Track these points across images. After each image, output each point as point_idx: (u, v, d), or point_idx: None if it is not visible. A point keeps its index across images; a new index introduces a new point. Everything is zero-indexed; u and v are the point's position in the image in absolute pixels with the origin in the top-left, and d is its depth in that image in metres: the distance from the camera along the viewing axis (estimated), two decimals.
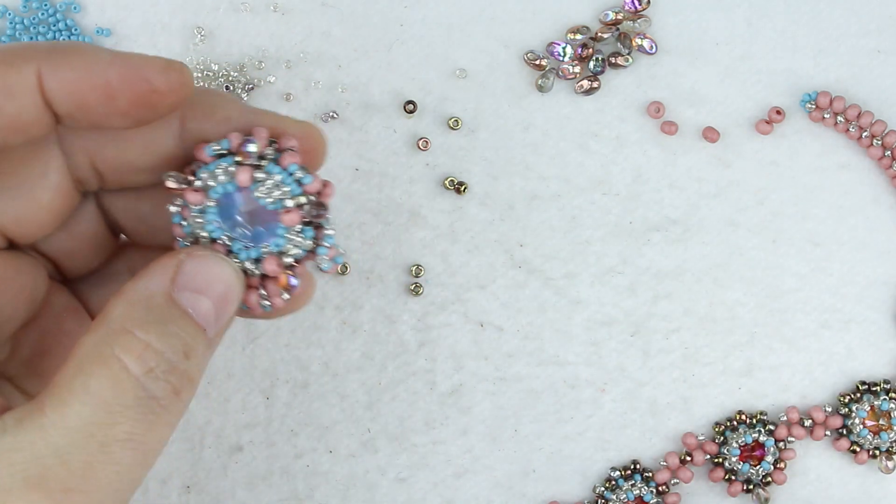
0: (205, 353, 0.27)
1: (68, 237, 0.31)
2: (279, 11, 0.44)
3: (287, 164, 0.29)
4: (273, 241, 0.29)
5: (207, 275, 0.27)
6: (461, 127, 0.43)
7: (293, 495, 0.42)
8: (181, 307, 0.27)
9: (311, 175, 0.29)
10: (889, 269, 0.44)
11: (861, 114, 0.43)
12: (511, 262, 0.43)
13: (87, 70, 0.27)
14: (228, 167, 0.28)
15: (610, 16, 0.44)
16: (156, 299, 0.26)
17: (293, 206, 0.28)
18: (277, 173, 0.28)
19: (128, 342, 0.25)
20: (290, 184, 0.28)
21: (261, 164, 0.28)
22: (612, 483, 0.42)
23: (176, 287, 0.27)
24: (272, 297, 0.29)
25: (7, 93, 0.26)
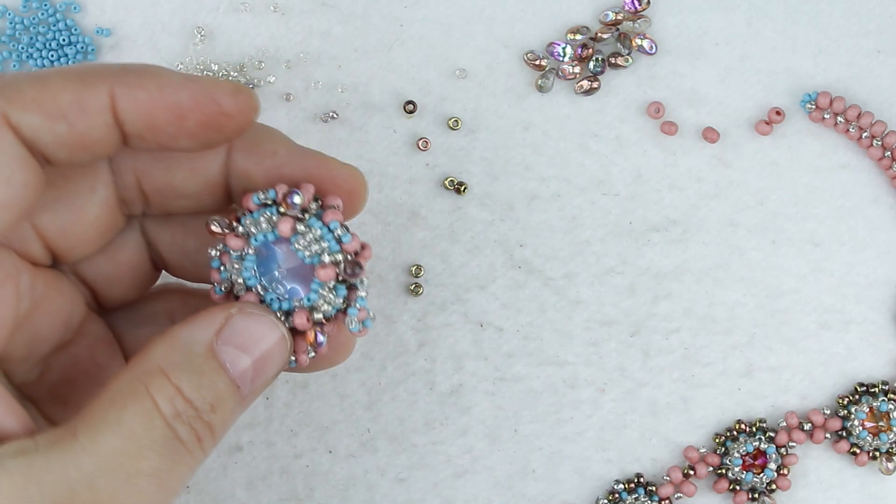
0: (234, 409, 0.27)
1: (110, 263, 0.32)
2: (279, 11, 0.44)
3: (329, 220, 0.29)
4: (306, 296, 0.29)
5: (254, 334, 0.28)
6: (461, 127, 0.43)
7: (293, 495, 0.42)
8: (219, 361, 0.27)
9: (351, 234, 0.29)
10: (889, 270, 0.44)
11: (861, 114, 0.43)
12: (511, 263, 0.43)
13: (159, 91, 0.27)
14: (272, 217, 0.29)
15: (610, 16, 0.44)
16: (196, 348, 0.27)
17: (329, 262, 0.28)
18: (318, 228, 0.29)
19: (161, 384, 0.26)
20: (330, 240, 0.29)
21: (303, 217, 0.29)
22: (615, 496, 0.42)
23: (219, 340, 0.27)
24: (298, 353, 0.29)
25: (80, 110, 0.27)
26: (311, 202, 0.29)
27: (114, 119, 0.27)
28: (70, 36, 0.43)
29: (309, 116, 0.43)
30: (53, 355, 0.31)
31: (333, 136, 0.43)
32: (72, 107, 0.27)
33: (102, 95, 0.27)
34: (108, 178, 0.30)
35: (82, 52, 0.43)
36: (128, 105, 0.27)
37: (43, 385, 0.30)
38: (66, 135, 0.27)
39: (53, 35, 0.43)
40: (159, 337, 0.27)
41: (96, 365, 0.31)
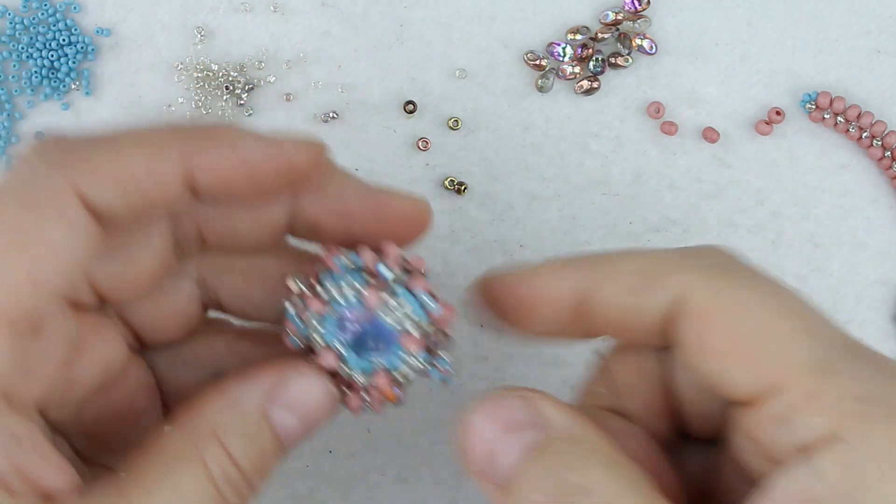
0: (276, 464, 0.28)
1: (157, 307, 0.31)
2: (279, 11, 0.44)
3: (416, 288, 0.28)
4: (388, 359, 0.29)
5: (306, 396, 0.28)
6: (461, 127, 0.43)
7: (293, 495, 0.42)
8: (272, 426, 0.27)
9: (438, 303, 0.29)
10: (889, 270, 0.44)
11: (861, 114, 0.43)
12: (511, 263, 0.43)
13: (233, 154, 0.27)
14: (358, 285, 0.28)
15: (610, 16, 0.44)
16: (249, 410, 0.27)
17: (416, 332, 0.28)
18: (407, 301, 0.28)
19: (214, 449, 0.26)
20: (418, 311, 0.28)
21: (391, 288, 0.28)
22: None
23: (272, 402, 0.27)
24: (374, 405, 0.29)
25: (154, 180, 0.26)
26: (398, 269, 0.29)
27: (185, 180, 0.27)
28: (70, 36, 0.43)
29: (309, 116, 0.43)
30: (91, 397, 0.30)
31: (333, 136, 0.43)
32: (145, 177, 0.26)
33: (175, 162, 0.26)
34: (165, 229, 0.29)
35: (82, 52, 0.43)
36: (202, 169, 0.27)
37: (77, 424, 0.30)
38: (138, 203, 0.26)
39: (53, 35, 0.43)
40: (212, 395, 0.27)
41: (134, 409, 0.31)
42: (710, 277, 0.26)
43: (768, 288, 0.26)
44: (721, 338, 0.26)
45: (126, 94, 0.43)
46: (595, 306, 0.28)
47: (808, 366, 0.25)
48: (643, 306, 0.27)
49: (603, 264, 0.28)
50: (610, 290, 0.27)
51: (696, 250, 0.28)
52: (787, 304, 0.26)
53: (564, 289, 0.28)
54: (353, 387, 0.29)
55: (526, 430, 0.26)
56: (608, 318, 0.28)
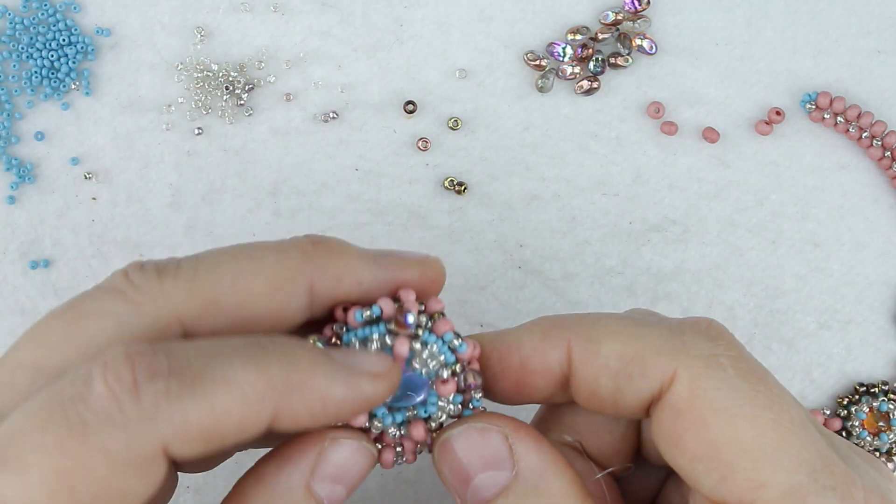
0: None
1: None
2: (279, 11, 0.44)
3: (442, 332, 0.28)
4: (423, 408, 0.28)
5: (348, 464, 0.28)
6: (461, 127, 0.43)
7: None
8: (318, 499, 0.27)
9: (465, 342, 0.28)
10: (889, 270, 0.44)
11: (861, 114, 0.43)
12: (511, 263, 0.43)
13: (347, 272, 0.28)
14: (384, 337, 0.28)
15: (610, 16, 0.44)
16: (295, 493, 0.27)
17: (448, 376, 0.28)
18: (434, 344, 0.28)
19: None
20: (447, 353, 0.28)
21: (417, 334, 0.28)
22: None
23: (315, 477, 0.27)
24: (407, 456, 0.29)
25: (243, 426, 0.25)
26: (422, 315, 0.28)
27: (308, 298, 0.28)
28: (70, 36, 0.43)
29: (309, 116, 0.43)
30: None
31: (333, 136, 0.43)
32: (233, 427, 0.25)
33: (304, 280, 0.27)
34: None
35: (82, 52, 0.43)
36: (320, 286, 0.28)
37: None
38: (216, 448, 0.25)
39: (53, 35, 0.43)
40: (253, 482, 0.27)
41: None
42: (694, 372, 0.26)
43: (754, 391, 0.26)
44: (697, 442, 0.26)
45: (126, 94, 0.43)
46: (579, 383, 0.28)
47: (778, 492, 0.25)
48: (626, 391, 0.27)
49: (587, 340, 0.28)
50: (592, 372, 0.28)
51: (685, 329, 0.28)
52: (771, 413, 0.26)
53: (551, 361, 0.28)
54: (385, 440, 0.29)
55: (503, 469, 0.27)
56: (591, 394, 0.28)
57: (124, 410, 0.23)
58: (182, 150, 0.43)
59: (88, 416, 0.23)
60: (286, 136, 0.43)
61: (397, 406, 0.28)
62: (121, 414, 0.23)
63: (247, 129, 0.43)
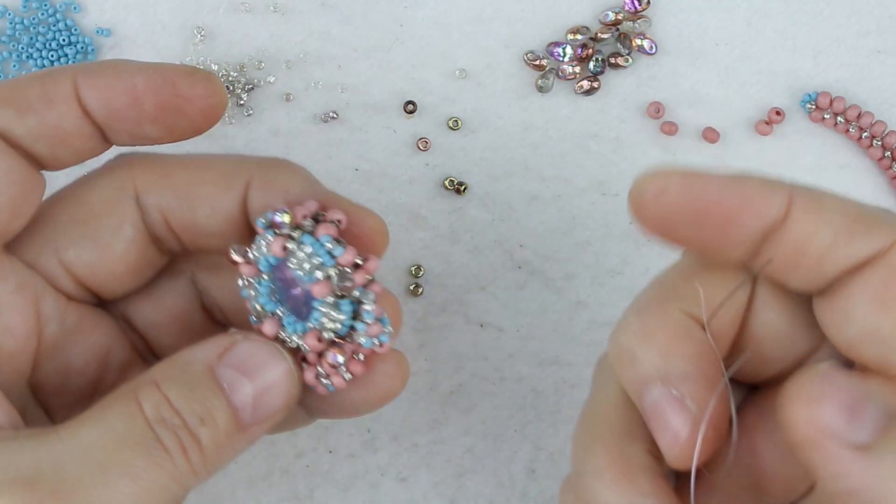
0: (232, 435, 0.27)
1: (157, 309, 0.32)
2: (279, 11, 0.44)
3: (320, 234, 0.28)
4: (312, 316, 0.28)
5: (257, 361, 0.28)
6: (461, 127, 0.43)
7: (293, 495, 0.42)
8: (216, 380, 0.27)
9: (345, 247, 0.28)
10: None
11: (861, 114, 0.43)
12: (511, 263, 0.43)
13: (115, 77, 0.29)
14: (269, 238, 0.28)
15: (610, 16, 0.44)
16: (195, 366, 0.27)
17: (322, 277, 0.28)
18: (309, 244, 0.28)
19: (150, 391, 0.26)
20: (322, 254, 0.28)
21: (295, 236, 0.28)
22: None
23: (222, 362, 0.27)
24: (331, 377, 0.29)
25: (46, 100, 0.28)
26: (305, 219, 0.28)
27: (80, 109, 0.29)
28: (70, 36, 0.43)
29: (309, 116, 0.43)
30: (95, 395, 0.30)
31: (333, 136, 0.43)
32: (38, 98, 0.28)
33: (66, 86, 0.28)
34: (135, 217, 0.30)
35: (82, 52, 0.43)
36: (89, 93, 0.28)
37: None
38: (38, 126, 0.28)
39: (53, 35, 0.43)
40: (166, 359, 0.28)
41: None
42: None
43: None
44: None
45: None
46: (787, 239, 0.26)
47: None
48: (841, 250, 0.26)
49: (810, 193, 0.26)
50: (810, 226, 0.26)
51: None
52: None
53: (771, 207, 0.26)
54: (308, 360, 0.29)
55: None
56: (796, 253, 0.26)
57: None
58: (182, 151, 0.43)
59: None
60: (286, 136, 0.43)
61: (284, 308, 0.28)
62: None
63: (247, 130, 0.43)
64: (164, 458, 0.26)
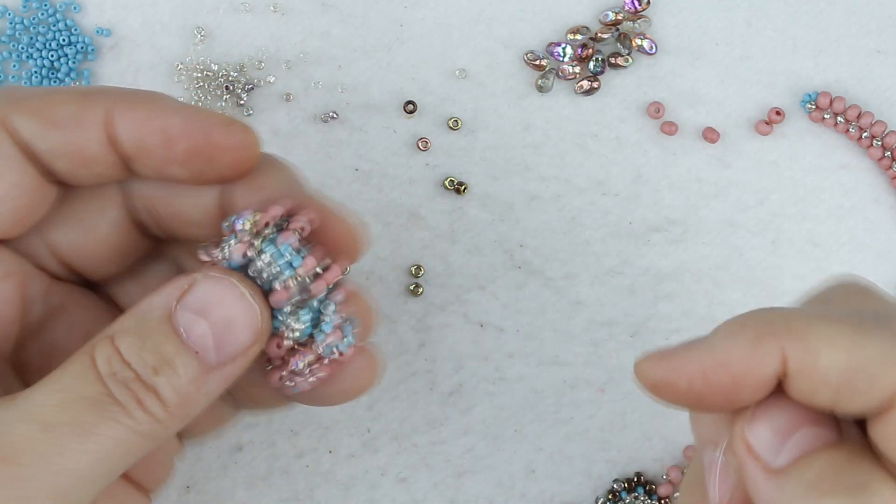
0: (197, 379, 0.26)
1: (142, 291, 0.31)
2: (279, 11, 0.44)
3: (281, 243, 0.27)
4: (273, 323, 0.28)
5: (212, 298, 0.27)
6: (461, 127, 0.43)
7: (293, 495, 0.42)
8: (171, 325, 0.26)
9: (305, 256, 0.28)
10: (889, 270, 0.44)
11: (861, 114, 0.43)
12: (511, 263, 0.43)
13: (152, 113, 0.28)
14: (232, 244, 0.28)
15: (610, 16, 0.44)
16: (152, 314, 0.27)
17: (279, 287, 0.27)
18: (269, 253, 0.27)
19: (104, 345, 0.26)
20: (281, 264, 0.27)
21: (254, 244, 0.27)
22: (614, 495, 0.42)
23: (179, 306, 0.27)
24: (295, 380, 0.29)
25: (76, 120, 0.27)
26: (268, 226, 0.28)
27: (107, 137, 0.28)
28: (70, 36, 0.43)
29: (309, 116, 0.43)
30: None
31: (333, 136, 0.43)
32: (68, 117, 0.27)
33: (98, 111, 0.28)
34: (119, 202, 0.30)
35: (82, 52, 0.43)
36: (121, 123, 0.28)
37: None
38: (61, 144, 0.27)
39: (53, 35, 0.43)
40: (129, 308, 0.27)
41: None
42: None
43: None
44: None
45: None
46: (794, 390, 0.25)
47: None
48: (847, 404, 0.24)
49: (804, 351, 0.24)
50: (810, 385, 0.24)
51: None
52: None
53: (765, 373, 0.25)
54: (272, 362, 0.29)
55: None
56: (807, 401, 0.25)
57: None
58: None
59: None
60: (286, 137, 0.43)
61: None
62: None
63: None
64: (118, 413, 0.25)
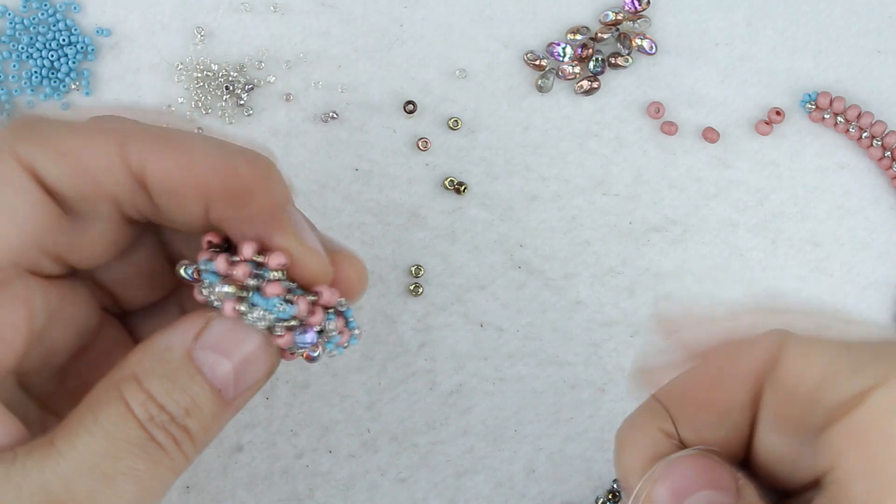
0: (217, 414, 0.27)
1: (125, 267, 0.31)
2: (279, 11, 0.44)
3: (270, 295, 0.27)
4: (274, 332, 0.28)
5: (233, 338, 0.27)
6: (461, 127, 0.43)
7: (293, 495, 0.42)
8: (195, 365, 0.27)
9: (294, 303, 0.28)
10: (889, 270, 0.44)
11: (861, 114, 0.43)
12: (511, 263, 0.43)
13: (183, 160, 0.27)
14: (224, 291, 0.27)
15: (610, 16, 0.44)
16: (172, 353, 0.27)
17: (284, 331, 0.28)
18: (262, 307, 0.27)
19: (133, 388, 0.26)
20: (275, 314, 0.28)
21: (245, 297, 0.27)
22: (614, 495, 0.42)
23: (198, 345, 0.27)
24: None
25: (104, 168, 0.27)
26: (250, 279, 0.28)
27: (137, 181, 0.27)
28: (70, 36, 0.43)
29: (309, 116, 0.43)
30: (71, 363, 0.31)
31: (333, 136, 0.43)
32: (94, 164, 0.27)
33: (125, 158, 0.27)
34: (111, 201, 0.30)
35: (82, 52, 0.43)
36: (152, 170, 0.27)
37: (62, 395, 0.30)
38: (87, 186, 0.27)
39: (53, 35, 0.43)
40: (140, 344, 0.27)
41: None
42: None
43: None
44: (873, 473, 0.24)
45: (126, 94, 0.43)
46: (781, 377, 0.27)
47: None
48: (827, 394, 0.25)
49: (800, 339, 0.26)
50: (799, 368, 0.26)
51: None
52: None
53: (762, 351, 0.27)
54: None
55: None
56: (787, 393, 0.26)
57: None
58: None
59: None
60: (286, 137, 0.43)
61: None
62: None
63: (247, 130, 0.43)
64: (160, 455, 0.26)
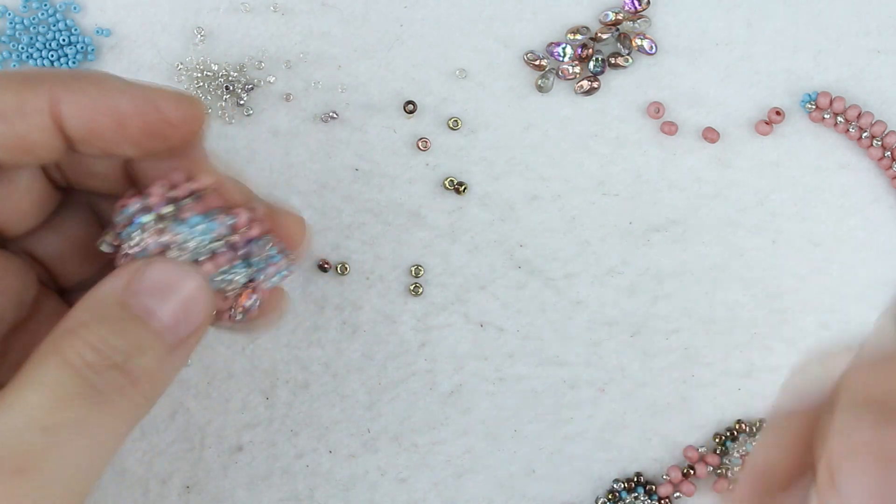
0: (160, 358, 0.27)
1: (59, 239, 0.32)
2: (279, 11, 0.44)
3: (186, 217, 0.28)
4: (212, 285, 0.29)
5: (167, 280, 0.28)
6: (461, 127, 0.43)
7: (293, 495, 0.42)
8: (131, 310, 0.27)
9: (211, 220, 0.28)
10: (889, 270, 0.44)
11: (861, 114, 0.43)
12: (511, 263, 0.43)
13: (100, 96, 0.27)
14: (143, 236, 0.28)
15: (610, 16, 0.44)
16: (108, 301, 0.27)
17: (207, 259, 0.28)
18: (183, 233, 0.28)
19: (72, 339, 0.26)
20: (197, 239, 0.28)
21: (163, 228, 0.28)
22: (614, 496, 0.42)
23: (132, 290, 0.27)
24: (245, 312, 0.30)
25: (19, 111, 0.27)
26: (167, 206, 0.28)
27: (54, 123, 0.27)
28: (70, 36, 0.43)
29: (309, 116, 0.43)
30: (13, 336, 0.31)
31: (333, 136, 0.43)
32: (11, 108, 0.27)
33: (42, 98, 0.27)
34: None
35: (82, 52, 0.43)
36: (69, 109, 0.27)
37: (7, 369, 0.30)
38: (5, 136, 0.27)
39: (53, 35, 0.43)
40: (78, 301, 0.28)
41: None
42: None
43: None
44: None
45: None
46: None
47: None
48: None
49: None
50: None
51: None
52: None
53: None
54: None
55: None
56: None
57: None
58: None
59: None
60: (286, 136, 0.43)
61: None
62: None
63: (247, 130, 0.43)
64: (104, 403, 0.26)
